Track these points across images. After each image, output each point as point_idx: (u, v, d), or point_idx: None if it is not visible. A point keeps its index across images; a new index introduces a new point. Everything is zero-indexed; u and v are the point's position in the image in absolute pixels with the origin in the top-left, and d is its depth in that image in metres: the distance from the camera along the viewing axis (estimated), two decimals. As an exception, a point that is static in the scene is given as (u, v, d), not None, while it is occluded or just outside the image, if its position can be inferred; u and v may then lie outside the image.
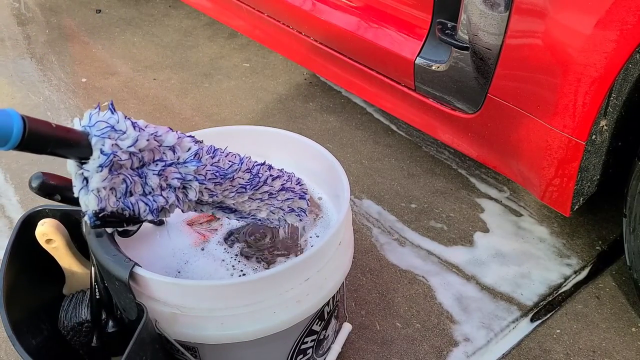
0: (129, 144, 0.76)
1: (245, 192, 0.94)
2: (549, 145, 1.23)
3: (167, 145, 0.82)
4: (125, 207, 0.78)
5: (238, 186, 0.92)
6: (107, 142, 0.74)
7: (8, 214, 1.61)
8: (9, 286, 0.98)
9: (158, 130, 0.82)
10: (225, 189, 0.90)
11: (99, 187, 0.74)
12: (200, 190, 0.86)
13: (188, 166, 0.83)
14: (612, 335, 1.27)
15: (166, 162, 0.81)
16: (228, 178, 0.89)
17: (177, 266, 1.05)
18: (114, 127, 0.76)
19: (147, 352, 0.88)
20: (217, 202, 0.93)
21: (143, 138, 0.78)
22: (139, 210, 0.79)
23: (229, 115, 2.00)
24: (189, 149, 0.84)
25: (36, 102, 2.08)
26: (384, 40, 1.50)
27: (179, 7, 2.71)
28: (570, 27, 1.09)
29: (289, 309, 0.94)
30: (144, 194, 0.80)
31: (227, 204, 0.95)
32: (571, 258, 1.46)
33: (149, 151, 0.80)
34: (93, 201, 0.75)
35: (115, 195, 0.77)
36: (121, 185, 0.77)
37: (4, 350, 1.26)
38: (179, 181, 0.83)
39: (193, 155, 0.84)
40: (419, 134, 1.88)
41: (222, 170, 0.88)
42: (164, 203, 0.82)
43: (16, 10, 2.74)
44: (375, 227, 1.55)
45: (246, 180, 0.93)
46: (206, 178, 0.86)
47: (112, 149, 0.75)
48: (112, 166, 0.75)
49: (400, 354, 1.24)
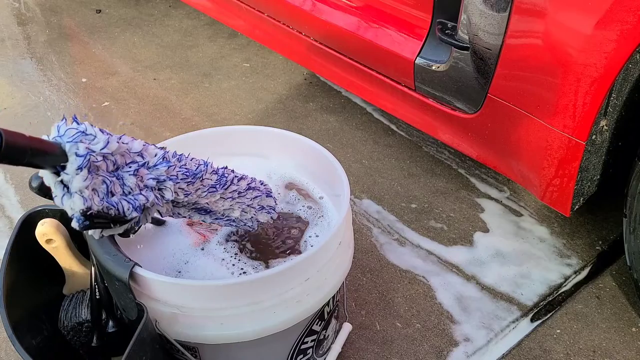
0: (101, 146, 0.79)
1: (216, 191, 0.98)
2: (549, 145, 1.23)
3: (135, 151, 0.85)
4: (110, 206, 0.80)
5: (208, 186, 0.96)
6: (81, 145, 0.77)
7: (8, 214, 1.61)
8: (9, 286, 0.98)
9: (123, 137, 0.85)
10: (197, 188, 0.94)
11: (81, 188, 0.76)
12: (175, 191, 0.90)
13: (159, 168, 0.87)
14: (612, 335, 1.27)
15: (139, 163, 0.85)
16: (198, 177, 0.93)
17: (177, 266, 1.05)
18: (85, 132, 0.78)
19: (147, 352, 0.88)
20: (192, 203, 0.96)
21: (113, 141, 0.81)
22: (123, 208, 0.82)
23: (229, 115, 2.00)
24: (156, 154, 0.88)
25: (36, 102, 2.08)
26: (384, 40, 1.50)
27: (179, 7, 2.72)
28: (570, 27, 1.09)
29: (289, 309, 0.94)
30: (124, 194, 0.83)
31: (202, 204, 0.98)
32: (571, 258, 1.46)
33: (121, 155, 0.83)
34: (78, 201, 0.76)
35: (98, 195, 0.79)
36: (102, 185, 0.79)
37: (4, 350, 1.26)
38: (154, 181, 0.86)
39: (161, 159, 0.88)
40: (419, 134, 1.88)
41: (190, 171, 0.93)
42: (145, 201, 0.85)
43: (16, 10, 2.74)
44: (375, 227, 1.55)
45: (214, 181, 0.98)
46: (178, 178, 0.90)
47: (86, 150, 0.77)
48: (89, 167, 0.77)
49: (400, 354, 1.24)
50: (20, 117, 2.01)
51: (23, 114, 2.02)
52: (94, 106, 2.06)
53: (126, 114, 2.01)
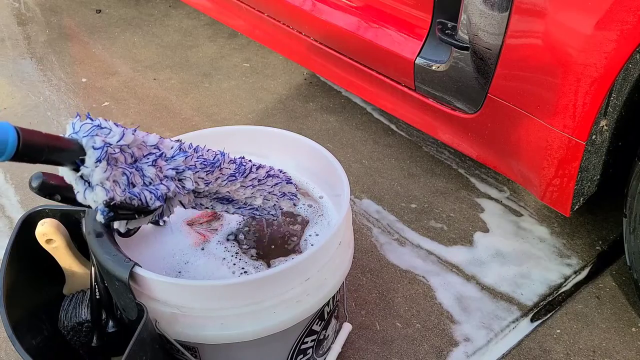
0: (117, 139, 0.79)
1: (236, 179, 0.98)
2: (549, 145, 1.23)
3: (151, 144, 0.86)
4: (132, 196, 0.81)
5: (228, 175, 0.96)
6: (97, 138, 0.77)
7: (8, 214, 1.61)
8: (9, 286, 0.98)
9: (137, 131, 0.85)
10: (217, 177, 0.94)
11: (102, 179, 0.77)
12: (195, 180, 0.90)
13: (177, 158, 0.87)
14: (612, 335, 1.27)
15: (156, 154, 0.85)
16: (216, 167, 0.93)
17: (178, 266, 1.05)
18: (100, 126, 0.79)
19: (147, 352, 0.88)
20: (213, 193, 0.96)
21: (129, 133, 0.81)
22: (145, 198, 0.82)
23: (229, 115, 2.00)
24: (172, 147, 0.89)
25: (36, 102, 2.08)
26: (384, 40, 1.50)
27: (179, 7, 2.72)
28: (570, 27, 1.09)
29: (289, 309, 0.94)
30: (145, 185, 0.83)
31: (223, 193, 0.98)
32: (571, 258, 1.46)
33: (137, 148, 0.83)
34: (101, 192, 0.77)
35: (119, 186, 0.79)
36: (122, 177, 0.80)
37: (4, 350, 1.26)
38: (173, 171, 0.86)
39: (178, 150, 0.88)
40: (419, 134, 1.88)
41: (208, 160, 0.93)
42: (167, 190, 0.85)
43: (16, 10, 2.74)
44: (375, 227, 1.55)
45: (233, 170, 0.97)
46: (197, 167, 0.90)
47: (103, 143, 0.77)
48: (108, 159, 0.78)
49: (400, 354, 1.24)
50: (20, 117, 2.01)
51: (23, 114, 2.02)
52: (94, 106, 2.06)
53: (126, 114, 2.01)
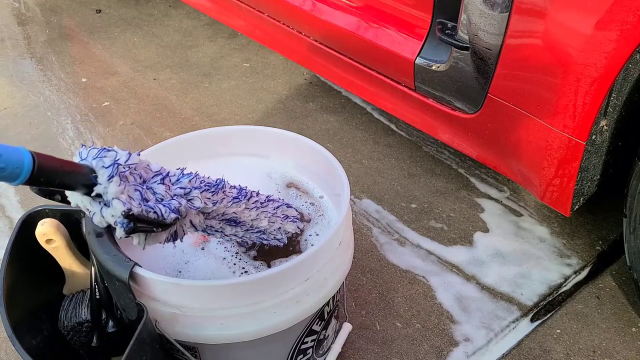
0: (125, 159, 0.82)
1: (240, 201, 1.00)
2: (549, 145, 1.23)
3: (155, 170, 0.89)
4: (149, 208, 0.83)
5: (231, 197, 0.99)
6: (106, 159, 0.80)
7: (8, 214, 1.61)
8: (9, 286, 0.98)
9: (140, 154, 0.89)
10: (222, 197, 0.97)
11: (117, 193, 0.79)
12: (203, 201, 0.92)
13: (182, 181, 0.90)
14: (612, 335, 1.27)
15: (162, 174, 0.88)
16: (220, 189, 0.96)
17: (178, 266, 1.05)
18: (106, 148, 0.83)
19: (147, 352, 0.88)
20: (220, 214, 0.98)
21: (134, 155, 0.85)
22: (161, 211, 0.84)
23: (229, 115, 2.00)
24: (174, 174, 0.92)
25: (36, 102, 2.08)
26: (384, 40, 1.50)
27: (179, 7, 2.72)
28: (570, 27, 1.09)
29: (289, 309, 0.94)
30: (158, 201, 0.86)
31: (229, 214, 1.00)
32: (571, 258, 1.46)
33: (144, 170, 0.86)
34: (118, 205, 0.79)
35: (135, 201, 0.82)
36: (135, 192, 0.83)
37: (4, 350, 1.26)
38: (182, 190, 0.89)
39: (181, 174, 0.91)
40: (419, 134, 1.88)
41: (211, 183, 0.95)
42: (179, 205, 0.87)
43: (16, 10, 2.74)
44: (375, 227, 1.55)
45: (236, 193, 1.00)
46: (202, 187, 0.93)
47: (112, 161, 0.81)
48: (120, 176, 0.81)
49: (400, 354, 1.24)
50: (20, 117, 2.01)
51: (23, 114, 2.02)
52: (94, 106, 2.06)
53: (126, 114, 2.01)
